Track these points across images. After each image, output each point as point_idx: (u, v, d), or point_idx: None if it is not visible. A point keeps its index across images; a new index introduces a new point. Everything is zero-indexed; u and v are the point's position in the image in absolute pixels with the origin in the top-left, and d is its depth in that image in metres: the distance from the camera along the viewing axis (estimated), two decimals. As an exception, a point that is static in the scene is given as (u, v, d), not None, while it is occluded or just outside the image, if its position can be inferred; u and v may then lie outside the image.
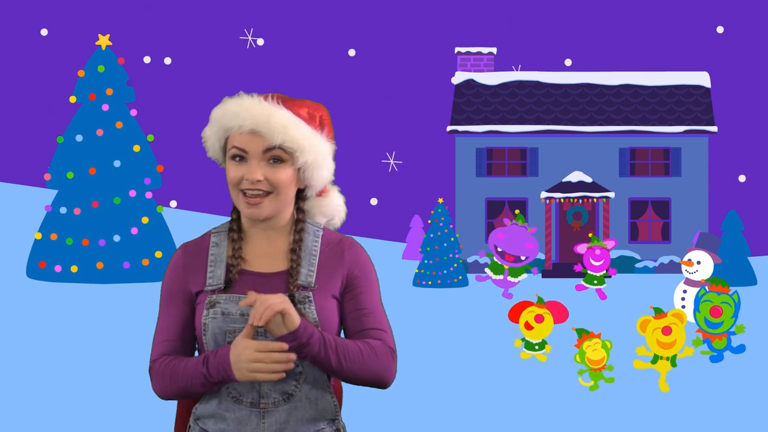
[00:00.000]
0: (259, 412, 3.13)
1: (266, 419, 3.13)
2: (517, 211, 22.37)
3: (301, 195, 3.27)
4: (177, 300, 3.24)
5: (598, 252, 19.81)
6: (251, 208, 3.16)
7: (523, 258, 20.57)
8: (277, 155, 3.14)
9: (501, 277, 20.67)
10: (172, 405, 5.23)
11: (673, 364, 11.75)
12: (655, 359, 11.78)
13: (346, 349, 3.11)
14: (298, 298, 3.14)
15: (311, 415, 3.16)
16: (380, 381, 3.16)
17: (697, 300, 14.01)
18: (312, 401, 3.16)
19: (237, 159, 3.15)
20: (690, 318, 15.23)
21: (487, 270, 20.88)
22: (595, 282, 19.99)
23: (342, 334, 3.25)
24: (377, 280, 3.29)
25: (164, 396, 3.22)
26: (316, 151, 3.20)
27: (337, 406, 3.23)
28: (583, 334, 11.99)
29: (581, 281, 20.51)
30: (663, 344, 11.68)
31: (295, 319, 3.02)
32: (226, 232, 3.27)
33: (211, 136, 3.24)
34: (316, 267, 3.20)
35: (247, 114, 3.14)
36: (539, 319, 13.51)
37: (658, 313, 11.72)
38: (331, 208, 3.36)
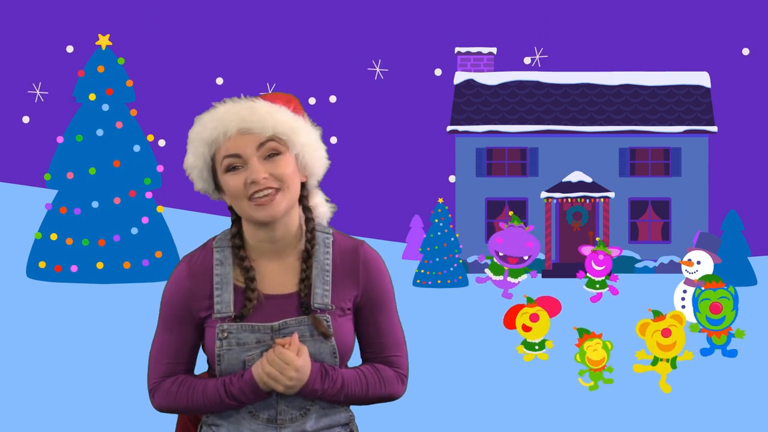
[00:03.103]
0: (276, 427, 3.07)
1: (282, 431, 3.08)
2: (511, 213, 22.32)
3: (303, 192, 3.06)
4: (181, 324, 3.06)
5: (601, 257, 19.81)
6: (264, 209, 2.93)
7: (526, 258, 20.56)
8: (273, 148, 2.94)
9: (501, 277, 20.66)
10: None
11: (673, 366, 11.74)
12: (655, 361, 11.77)
13: (348, 389, 3.08)
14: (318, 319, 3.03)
15: (326, 424, 3.12)
16: (384, 401, 3.16)
17: (695, 300, 14.01)
18: (326, 413, 3.12)
19: (233, 169, 2.93)
20: (690, 318, 15.24)
21: (486, 270, 20.88)
22: (597, 286, 20.00)
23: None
24: (393, 290, 3.17)
25: (169, 411, 3.12)
26: (307, 132, 3.01)
27: (351, 416, 3.20)
28: (584, 333, 11.99)
29: (588, 289, 20.52)
30: (663, 346, 11.67)
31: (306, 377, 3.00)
32: (229, 248, 3.05)
33: (195, 162, 3.00)
34: (330, 284, 3.03)
35: (229, 116, 2.94)
36: (534, 318, 13.53)
37: (657, 315, 11.71)
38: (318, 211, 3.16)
